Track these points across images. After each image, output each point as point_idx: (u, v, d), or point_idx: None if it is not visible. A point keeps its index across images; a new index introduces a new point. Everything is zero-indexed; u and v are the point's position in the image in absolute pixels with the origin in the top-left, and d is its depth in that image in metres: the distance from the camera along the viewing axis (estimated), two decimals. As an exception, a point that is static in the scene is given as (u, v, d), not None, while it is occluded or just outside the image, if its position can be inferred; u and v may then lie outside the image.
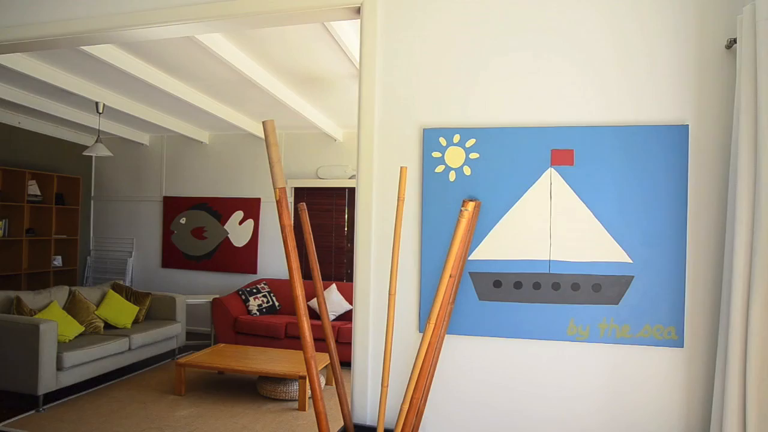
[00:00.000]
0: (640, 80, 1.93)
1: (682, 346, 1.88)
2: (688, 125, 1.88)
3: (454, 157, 2.06)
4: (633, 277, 1.91)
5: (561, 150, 1.98)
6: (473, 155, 2.05)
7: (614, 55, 1.95)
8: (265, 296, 6.49)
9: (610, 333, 1.93)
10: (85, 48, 3.77)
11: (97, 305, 5.49)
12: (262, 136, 6.84)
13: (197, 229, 7.40)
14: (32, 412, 4.22)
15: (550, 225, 1.99)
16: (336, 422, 3.95)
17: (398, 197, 1.80)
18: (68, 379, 4.46)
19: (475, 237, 2.03)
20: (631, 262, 1.91)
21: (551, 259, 1.99)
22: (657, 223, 1.89)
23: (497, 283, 2.03)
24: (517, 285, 2.01)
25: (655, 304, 1.89)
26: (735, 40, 1.79)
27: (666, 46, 1.91)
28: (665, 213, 1.89)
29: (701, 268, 1.88)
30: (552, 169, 1.99)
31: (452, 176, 2.06)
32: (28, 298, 4.83)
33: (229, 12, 2.37)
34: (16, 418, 4.10)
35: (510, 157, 2.02)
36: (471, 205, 1.82)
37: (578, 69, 1.98)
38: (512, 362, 2.03)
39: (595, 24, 1.97)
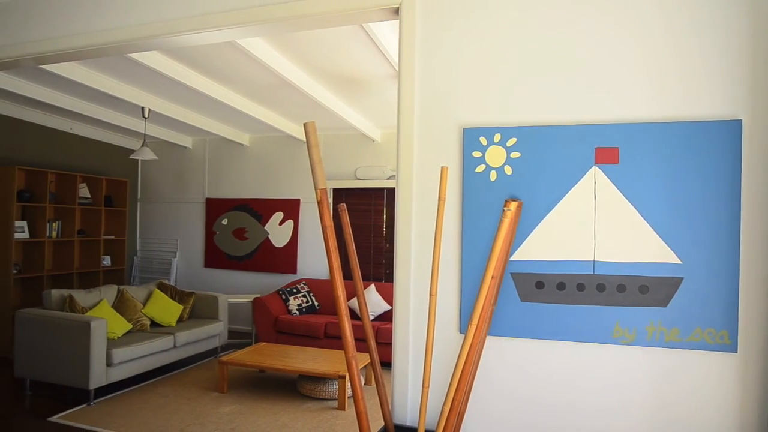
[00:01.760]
0: (689, 74, 1.86)
1: (736, 351, 1.80)
2: (741, 120, 1.80)
3: (495, 156, 2.04)
4: (682, 278, 1.85)
5: (605, 148, 1.93)
6: (514, 154, 2.02)
7: (661, 49, 1.89)
8: (304, 296, 6.56)
9: (658, 336, 1.87)
10: (132, 55, 3.90)
11: (144, 304, 5.67)
12: (301, 138, 6.94)
13: (238, 230, 7.56)
14: (84, 405, 4.40)
15: (595, 225, 1.94)
16: (375, 422, 3.96)
17: (439, 197, 1.79)
18: (117, 374, 4.62)
19: (516, 237, 2.00)
20: (680, 262, 1.85)
21: (595, 259, 1.94)
22: (708, 223, 1.82)
23: (540, 284, 1.99)
24: (561, 286, 1.97)
25: (706, 307, 1.82)
26: (792, 31, 1.71)
27: (716, 37, 1.84)
28: (717, 212, 1.82)
29: (756, 269, 1.80)
30: (596, 167, 1.94)
31: (493, 176, 2.04)
32: (80, 297, 5.03)
33: (269, 16, 2.41)
34: (69, 411, 4.27)
35: (552, 156, 1.98)
36: (513, 205, 1.79)
37: (623, 64, 1.93)
38: (555, 365, 1.99)
39: (641, 16, 1.91)
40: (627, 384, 1.91)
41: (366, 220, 6.94)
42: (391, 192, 6.83)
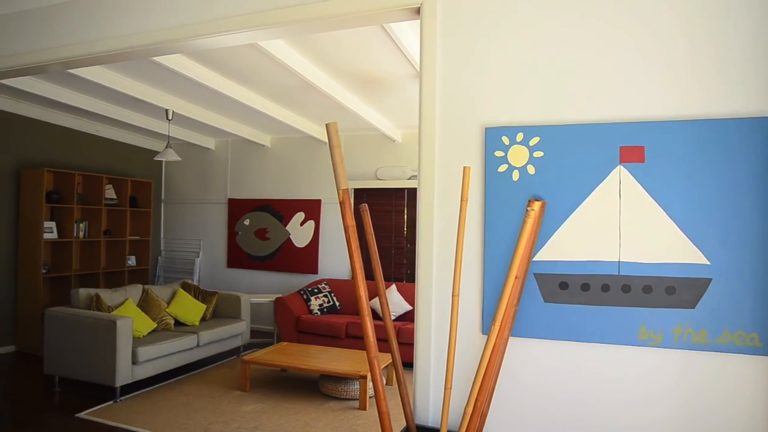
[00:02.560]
0: (717, 70, 1.82)
1: (767, 354, 1.76)
2: (772, 118, 1.76)
3: (518, 155, 2.02)
4: (711, 279, 1.81)
5: (631, 147, 1.90)
6: (537, 154, 2.00)
7: (687, 44, 1.85)
8: (326, 296, 6.59)
9: (685, 338, 1.83)
10: (156, 58, 3.96)
11: (168, 303, 5.75)
12: (322, 139, 6.97)
13: (260, 230, 7.62)
14: (110, 402, 4.48)
15: (620, 225, 1.91)
16: (396, 422, 3.96)
17: (461, 197, 1.78)
18: (142, 372, 4.70)
19: (539, 238, 1.99)
20: (708, 263, 1.81)
21: (621, 260, 1.91)
22: (738, 223, 1.78)
23: (563, 285, 1.97)
24: (585, 287, 1.95)
25: (736, 309, 1.78)
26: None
27: (745, 31, 1.79)
28: (747, 211, 1.78)
29: (788, 271, 1.75)
30: (621, 166, 1.91)
31: (516, 175, 2.02)
32: (106, 296, 5.13)
33: (291, 18, 2.42)
34: (96, 407, 4.36)
35: (576, 155, 1.96)
36: (537, 205, 1.78)
37: (648, 61, 1.89)
38: (579, 366, 1.97)
39: (666, 11, 1.88)
40: (653, 386, 1.88)
41: (387, 220, 6.95)
42: (411, 192, 6.83)
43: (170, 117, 5.89)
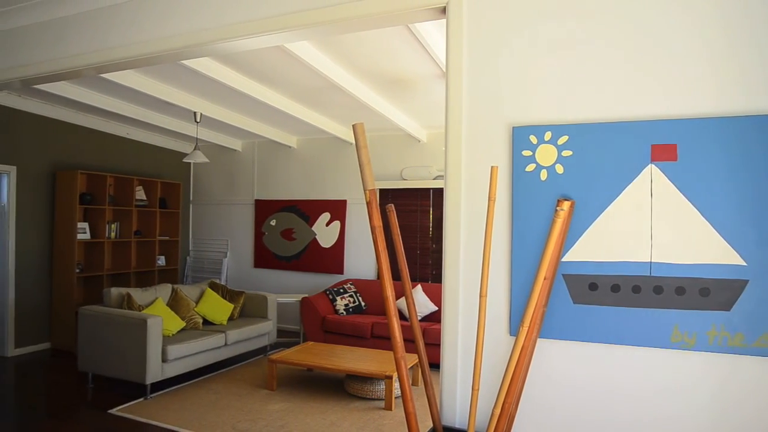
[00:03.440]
0: (752, 64, 1.76)
1: (807, 358, 1.70)
2: (812, 114, 1.70)
3: (546, 155, 2.00)
4: (747, 281, 1.75)
5: (663, 145, 1.86)
6: (566, 153, 1.97)
7: (720, 38, 1.80)
8: (351, 296, 6.62)
9: (720, 341, 1.78)
10: (185, 62, 4.03)
11: (197, 302, 5.84)
12: (347, 139, 7.00)
13: (286, 231, 7.69)
14: (141, 399, 4.57)
15: (651, 225, 1.87)
16: (422, 423, 3.95)
17: (489, 197, 1.77)
18: (172, 370, 4.78)
19: (568, 238, 1.96)
20: (744, 264, 1.76)
21: (652, 261, 1.87)
22: (776, 223, 1.73)
23: (593, 286, 1.94)
24: (615, 288, 1.91)
25: (774, 311, 1.73)
26: None
27: (784, 28, 1.74)
28: (785, 211, 1.72)
29: (829, 272, 1.69)
30: (653, 165, 1.87)
31: (544, 175, 2.00)
32: (137, 295, 5.24)
33: (316, 19, 2.44)
34: (127, 404, 4.46)
35: (606, 154, 1.92)
36: (567, 205, 1.75)
37: (681, 56, 1.85)
38: (609, 369, 1.93)
39: (698, 2, 1.83)
40: (686, 390, 1.83)
41: (412, 220, 6.93)
42: (437, 192, 6.80)
43: (198, 119, 5.98)
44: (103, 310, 4.86)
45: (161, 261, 7.56)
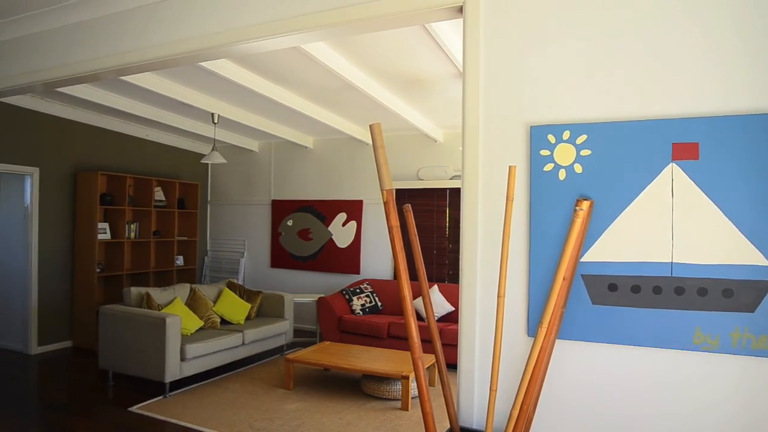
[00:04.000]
0: (779, 63, 1.73)
1: (835, 361, 1.66)
2: (839, 111, 1.66)
3: (564, 154, 1.98)
4: (772, 282, 1.72)
5: (684, 143, 1.83)
6: (585, 152, 1.95)
7: (743, 34, 1.77)
8: (368, 296, 6.62)
9: (744, 344, 1.75)
10: (203, 64, 4.07)
11: (214, 302, 5.90)
12: (363, 140, 7.01)
13: (303, 231, 7.73)
14: (160, 397, 4.62)
15: (672, 225, 1.84)
16: (440, 424, 3.94)
17: (507, 197, 1.76)
18: (190, 369, 4.83)
19: (587, 238, 1.93)
20: (769, 265, 1.73)
21: (673, 261, 1.84)
22: (802, 222, 1.69)
23: (612, 287, 1.92)
24: (635, 289, 1.89)
25: (800, 313, 1.69)
26: None
27: (810, 24, 1.70)
28: (812, 210, 1.68)
29: None
30: (673, 164, 1.84)
31: (562, 174, 1.98)
32: (156, 294, 5.30)
33: (333, 20, 2.44)
34: (147, 402, 4.51)
35: (626, 153, 1.90)
36: (586, 205, 1.73)
37: (702, 52, 1.82)
38: (629, 371, 1.91)
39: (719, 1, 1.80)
40: (709, 393, 1.80)
41: (428, 220, 6.92)
42: (453, 192, 6.78)
43: (216, 120, 6.04)
44: (123, 310, 4.92)
45: (179, 261, 7.64)
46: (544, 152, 2.01)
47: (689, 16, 1.84)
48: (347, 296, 6.58)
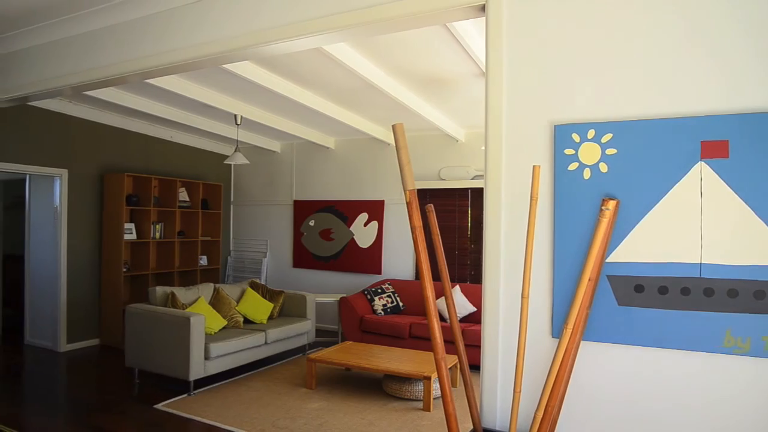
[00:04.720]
0: (813, 58, 1.68)
1: None
2: None
3: (589, 153, 1.95)
4: (806, 283, 1.67)
5: (713, 141, 1.79)
6: (610, 151, 1.92)
7: (779, 33, 1.72)
8: (389, 296, 6.62)
9: (776, 346, 1.71)
10: (226, 66, 4.11)
11: (237, 301, 5.96)
12: (385, 140, 7.01)
13: (325, 231, 7.76)
14: (184, 395, 4.69)
15: (701, 225, 1.80)
16: (463, 425, 3.91)
17: (531, 197, 1.74)
18: (214, 367, 4.89)
19: (613, 238, 1.90)
20: (803, 266, 1.68)
21: (702, 262, 1.80)
22: (838, 222, 1.64)
23: (639, 288, 1.88)
24: (662, 290, 1.85)
25: (835, 315, 1.64)
26: None
27: None
28: None
29: None
30: (702, 162, 1.80)
31: (587, 174, 1.95)
32: (181, 294, 5.38)
33: (356, 21, 2.45)
34: (171, 399, 4.58)
35: (652, 152, 1.87)
36: (612, 204, 1.71)
37: (731, 49, 1.77)
38: (656, 374, 1.87)
39: (754, -1, 1.75)
40: (739, 398, 1.76)
41: (450, 220, 6.89)
42: (475, 192, 6.74)
43: (239, 122, 6.10)
44: (148, 309, 5.00)
45: (203, 261, 7.74)
46: (569, 151, 1.98)
47: (720, 12, 1.79)
48: (369, 296, 6.59)
